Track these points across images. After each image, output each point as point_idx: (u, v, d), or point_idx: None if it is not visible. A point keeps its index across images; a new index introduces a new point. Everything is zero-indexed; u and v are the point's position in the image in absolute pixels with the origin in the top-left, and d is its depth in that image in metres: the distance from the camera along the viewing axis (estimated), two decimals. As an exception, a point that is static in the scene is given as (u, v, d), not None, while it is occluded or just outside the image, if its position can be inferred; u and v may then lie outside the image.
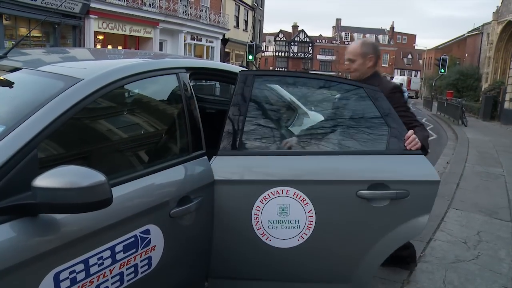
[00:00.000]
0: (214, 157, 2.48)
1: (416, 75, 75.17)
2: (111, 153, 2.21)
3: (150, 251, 2.10)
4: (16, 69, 2.25)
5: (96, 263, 1.84)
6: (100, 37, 21.32)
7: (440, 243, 4.44)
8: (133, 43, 23.57)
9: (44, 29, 17.77)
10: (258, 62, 37.58)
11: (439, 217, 5.28)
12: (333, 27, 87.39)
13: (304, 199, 2.43)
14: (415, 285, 3.50)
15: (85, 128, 2.09)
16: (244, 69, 2.91)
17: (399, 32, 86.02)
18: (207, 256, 2.53)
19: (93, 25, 19.65)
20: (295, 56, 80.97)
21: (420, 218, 2.54)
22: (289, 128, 3.16)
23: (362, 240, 2.57)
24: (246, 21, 36.55)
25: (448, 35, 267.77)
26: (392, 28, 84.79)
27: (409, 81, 57.62)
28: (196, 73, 2.75)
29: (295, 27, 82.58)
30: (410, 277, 3.63)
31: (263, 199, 2.43)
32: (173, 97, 2.58)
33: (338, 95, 3.06)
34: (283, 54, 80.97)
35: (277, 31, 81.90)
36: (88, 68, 2.27)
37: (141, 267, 2.07)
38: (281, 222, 2.46)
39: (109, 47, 20.54)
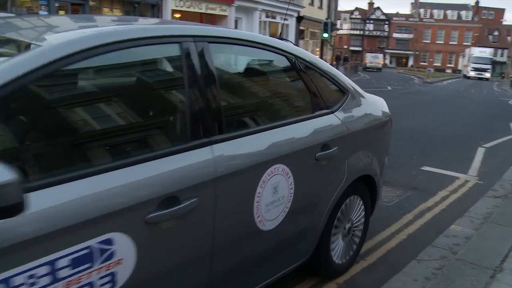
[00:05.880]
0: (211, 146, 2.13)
1: (502, 54, 70.33)
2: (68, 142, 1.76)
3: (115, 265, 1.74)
4: None
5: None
6: (177, 15, 21.72)
7: (536, 230, 4.08)
8: (209, 21, 23.80)
9: (124, 8, 18.37)
10: (332, 40, 36.74)
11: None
12: (412, 3, 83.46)
13: None
14: (510, 273, 3.23)
15: (32, 109, 1.68)
16: (281, 40, 2.84)
17: (484, 7, 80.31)
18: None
19: (170, 3, 20.03)
20: (371, 34, 78.50)
21: None
22: None
23: None
24: (321, -2, 35.74)
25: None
26: (477, 2, 79.36)
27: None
28: (213, 42, 2.29)
29: (371, 4, 80.00)
30: (503, 264, 3.36)
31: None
32: (170, 72, 2.24)
33: None
34: (358, 32, 78.79)
35: (353, 8, 79.80)
36: (54, 35, 1.94)
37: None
38: None
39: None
